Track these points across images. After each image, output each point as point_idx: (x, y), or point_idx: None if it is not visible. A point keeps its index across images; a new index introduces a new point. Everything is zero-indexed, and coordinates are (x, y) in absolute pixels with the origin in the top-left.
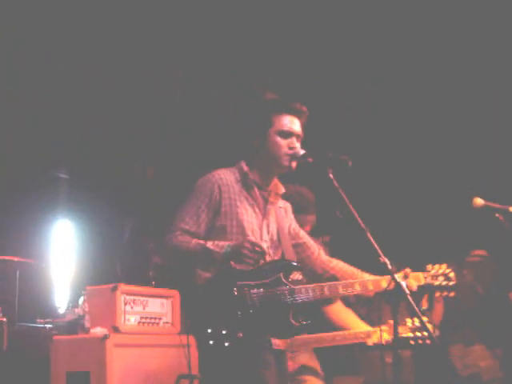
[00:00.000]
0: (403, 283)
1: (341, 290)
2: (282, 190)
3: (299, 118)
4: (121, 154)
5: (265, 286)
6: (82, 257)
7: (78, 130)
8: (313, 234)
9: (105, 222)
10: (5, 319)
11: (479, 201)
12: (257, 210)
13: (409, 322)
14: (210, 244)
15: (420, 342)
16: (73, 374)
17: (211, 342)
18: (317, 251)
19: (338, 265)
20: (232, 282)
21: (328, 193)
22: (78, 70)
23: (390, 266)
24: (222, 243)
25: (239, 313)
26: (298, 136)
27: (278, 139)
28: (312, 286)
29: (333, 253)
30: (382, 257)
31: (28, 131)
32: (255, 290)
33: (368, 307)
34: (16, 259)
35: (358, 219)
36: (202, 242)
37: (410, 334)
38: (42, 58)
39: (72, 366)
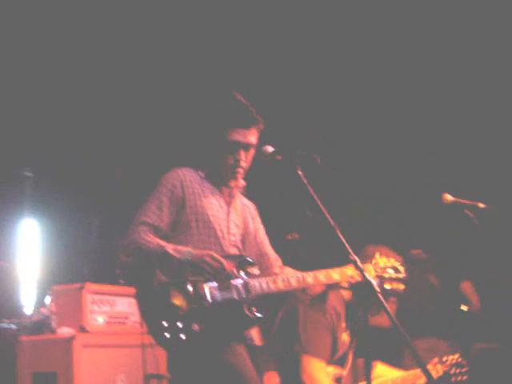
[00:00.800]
0: (374, 281)
1: (293, 283)
2: (243, 183)
3: (251, 128)
4: (87, 152)
5: (218, 279)
6: (48, 256)
7: (42, 128)
8: (282, 231)
9: (71, 221)
10: None
11: (449, 197)
12: (222, 204)
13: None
14: (170, 248)
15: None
16: (39, 375)
17: (167, 336)
18: (275, 266)
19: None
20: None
21: (297, 191)
22: (43, 66)
23: (359, 264)
24: (183, 249)
25: (194, 306)
26: (248, 146)
27: (225, 153)
28: (265, 278)
29: (302, 250)
30: (352, 254)
31: None
32: (209, 284)
33: None
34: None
35: (328, 217)
36: (163, 244)
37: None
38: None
39: (39, 367)
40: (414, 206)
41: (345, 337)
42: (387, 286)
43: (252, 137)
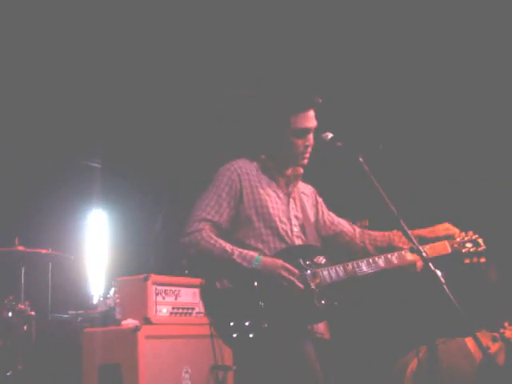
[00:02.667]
0: (438, 272)
1: (364, 268)
2: (300, 170)
3: (310, 110)
4: (153, 143)
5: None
6: (115, 247)
7: (110, 119)
8: (350, 218)
9: (139, 212)
10: (33, 313)
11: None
12: (281, 195)
13: None
14: (236, 254)
15: None
16: (104, 367)
17: (235, 335)
18: (352, 232)
19: (370, 237)
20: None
21: (358, 177)
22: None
23: (424, 254)
24: (249, 255)
25: (261, 303)
26: (314, 129)
27: (294, 139)
28: (334, 266)
29: None
30: (416, 244)
31: (61, 121)
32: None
33: None
34: (48, 251)
35: (390, 204)
36: (228, 249)
37: None
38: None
39: (103, 359)
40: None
41: None
42: (467, 261)
43: (314, 119)
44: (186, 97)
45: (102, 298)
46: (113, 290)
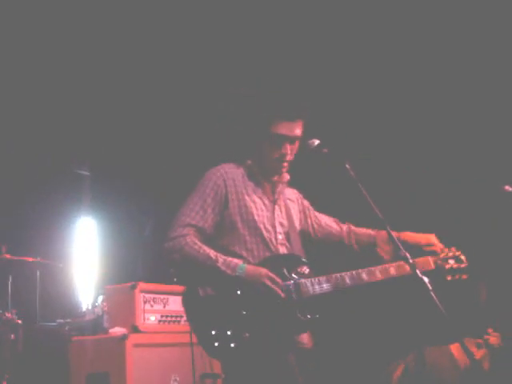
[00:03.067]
0: (426, 279)
1: (348, 281)
2: (287, 177)
3: (297, 120)
4: (141, 150)
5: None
6: (104, 255)
7: (99, 127)
8: None
9: (127, 219)
10: (20, 321)
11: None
12: (266, 202)
13: None
14: (220, 262)
15: None
16: (92, 376)
17: (216, 344)
18: (339, 231)
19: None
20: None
21: (344, 184)
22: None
23: (411, 260)
24: (233, 262)
25: (243, 312)
26: (294, 139)
27: (270, 146)
28: (317, 278)
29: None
30: (402, 250)
31: (50, 128)
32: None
33: None
34: (34, 259)
35: (377, 211)
36: (213, 255)
37: None
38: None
39: (91, 367)
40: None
41: None
42: (449, 278)
43: (298, 129)
44: (177, 106)
45: (90, 307)
46: (101, 298)
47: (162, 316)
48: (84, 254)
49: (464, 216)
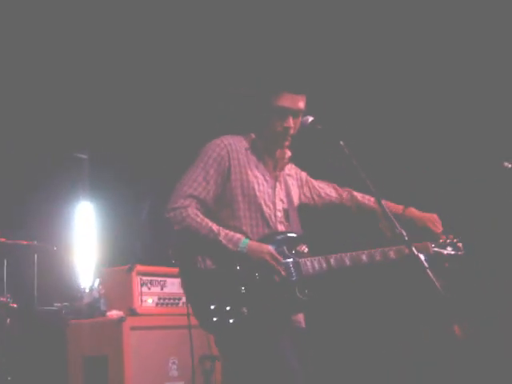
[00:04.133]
0: (421, 256)
1: (347, 262)
2: (288, 154)
3: (299, 93)
4: (139, 133)
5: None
6: (103, 238)
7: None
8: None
9: (125, 202)
10: (15, 305)
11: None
12: (268, 178)
13: None
14: (222, 236)
15: None
16: (90, 359)
17: (214, 319)
18: (339, 198)
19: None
20: None
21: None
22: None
23: (406, 238)
24: (235, 237)
25: (242, 288)
26: (297, 112)
27: (273, 118)
28: (317, 257)
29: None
30: (398, 227)
31: (47, 112)
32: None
33: None
34: (28, 243)
35: (373, 189)
36: (215, 229)
37: None
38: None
39: (89, 351)
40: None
41: None
42: (446, 265)
43: (301, 102)
44: (174, 91)
45: (87, 290)
46: (97, 281)
47: (159, 298)
48: (82, 237)
49: (463, 195)
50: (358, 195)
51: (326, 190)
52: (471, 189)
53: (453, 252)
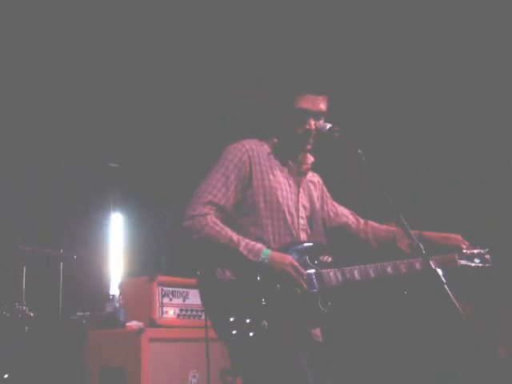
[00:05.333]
0: (439, 271)
1: (372, 274)
2: (311, 159)
3: (321, 95)
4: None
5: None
6: (130, 248)
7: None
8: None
9: (153, 213)
10: (32, 314)
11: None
12: (291, 183)
13: None
14: (242, 246)
15: None
16: (107, 370)
17: (234, 332)
18: (356, 223)
19: (374, 231)
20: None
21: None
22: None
23: (424, 251)
24: (256, 247)
25: (263, 300)
26: (318, 114)
27: (294, 121)
28: (341, 268)
29: None
30: (415, 241)
31: (80, 122)
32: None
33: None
34: (56, 252)
35: (390, 199)
36: (235, 239)
37: None
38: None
39: (107, 361)
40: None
41: None
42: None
43: (322, 104)
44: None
45: (109, 300)
46: (118, 291)
47: (181, 310)
48: (110, 247)
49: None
50: (375, 223)
51: (343, 210)
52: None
53: (480, 264)
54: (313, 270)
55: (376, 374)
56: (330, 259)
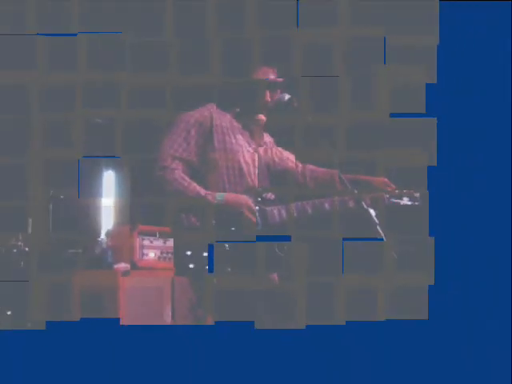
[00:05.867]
0: (372, 211)
1: (309, 210)
2: (263, 119)
3: (275, 66)
4: None
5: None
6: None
7: None
8: None
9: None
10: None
11: None
12: (253, 146)
13: None
14: (210, 197)
15: None
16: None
17: (191, 266)
18: (294, 168)
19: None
20: None
21: None
22: None
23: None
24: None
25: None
26: (273, 86)
27: (250, 95)
28: (284, 205)
29: None
30: (348, 186)
31: None
32: None
33: None
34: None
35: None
36: (203, 193)
37: None
38: None
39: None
40: None
41: None
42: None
43: (274, 75)
44: None
45: (97, 243)
46: (107, 232)
47: (161, 252)
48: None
49: None
50: (314, 166)
51: (289, 155)
52: None
53: (409, 203)
54: (257, 207)
55: None
56: (273, 196)
